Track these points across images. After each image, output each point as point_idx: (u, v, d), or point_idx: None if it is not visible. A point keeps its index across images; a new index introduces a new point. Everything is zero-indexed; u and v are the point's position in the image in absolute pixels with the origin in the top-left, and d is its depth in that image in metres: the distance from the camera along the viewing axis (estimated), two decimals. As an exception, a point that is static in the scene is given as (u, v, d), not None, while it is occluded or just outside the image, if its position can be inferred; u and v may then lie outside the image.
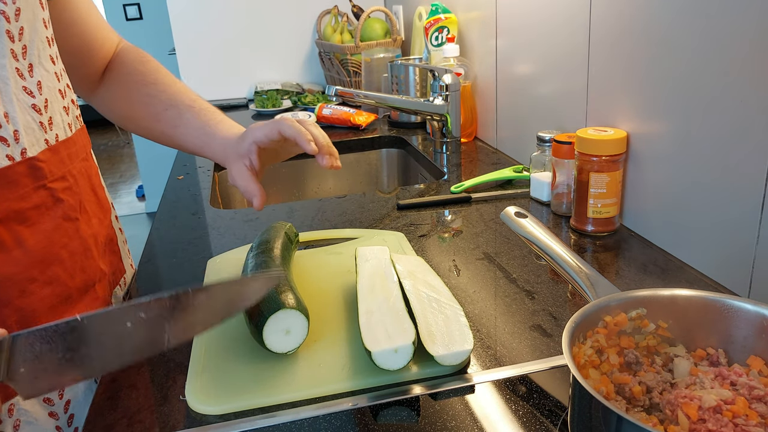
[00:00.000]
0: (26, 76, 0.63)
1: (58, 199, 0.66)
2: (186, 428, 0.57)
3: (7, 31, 0.59)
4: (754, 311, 0.52)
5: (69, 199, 0.68)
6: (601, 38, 0.94)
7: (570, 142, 0.94)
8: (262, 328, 0.61)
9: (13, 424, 0.63)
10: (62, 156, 0.67)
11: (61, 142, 0.68)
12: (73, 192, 0.69)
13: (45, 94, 0.65)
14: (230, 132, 0.85)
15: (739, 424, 0.44)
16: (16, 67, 0.61)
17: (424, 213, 1.05)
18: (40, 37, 0.65)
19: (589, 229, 0.91)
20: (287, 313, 0.62)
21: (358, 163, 1.61)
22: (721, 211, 0.74)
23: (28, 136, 0.62)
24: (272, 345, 0.62)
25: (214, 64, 2.11)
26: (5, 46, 0.59)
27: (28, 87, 0.63)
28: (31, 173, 0.62)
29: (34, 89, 0.63)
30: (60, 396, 0.67)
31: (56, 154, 0.66)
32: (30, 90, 0.63)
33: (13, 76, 0.61)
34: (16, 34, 0.61)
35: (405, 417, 0.57)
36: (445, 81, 1.35)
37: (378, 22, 1.91)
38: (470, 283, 0.80)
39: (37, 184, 0.63)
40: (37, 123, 0.63)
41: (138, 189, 4.86)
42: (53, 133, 0.66)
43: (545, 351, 0.65)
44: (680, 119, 0.79)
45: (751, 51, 0.67)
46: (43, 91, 0.65)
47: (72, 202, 0.68)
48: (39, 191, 0.63)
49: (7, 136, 0.59)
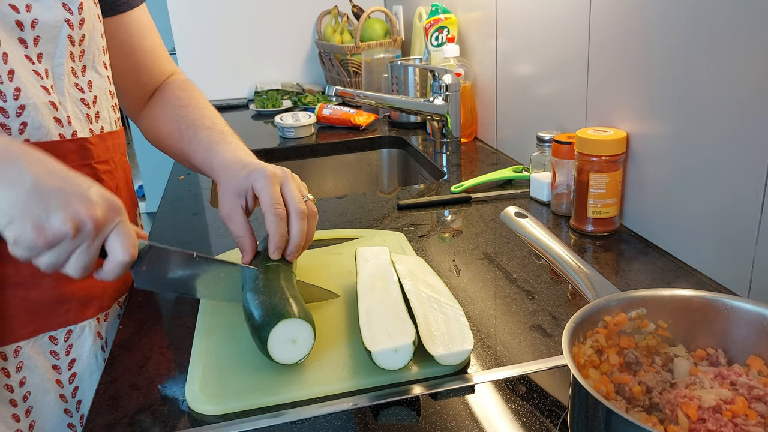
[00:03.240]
0: (79, 75, 0.72)
1: (100, 179, 0.73)
2: (186, 428, 0.57)
3: (69, 36, 0.69)
4: (754, 311, 0.52)
5: (109, 182, 0.75)
6: (601, 39, 0.94)
7: (570, 143, 0.94)
8: (266, 339, 0.60)
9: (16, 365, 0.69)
10: (108, 144, 0.76)
11: (108, 133, 0.76)
12: (113, 176, 0.77)
13: (95, 91, 0.74)
14: (234, 154, 0.79)
15: (739, 424, 0.44)
16: (72, 67, 0.70)
17: (424, 213, 1.05)
18: (97, 45, 0.74)
19: (589, 229, 0.91)
20: (291, 322, 0.60)
21: (359, 163, 1.61)
22: (721, 211, 0.74)
23: (77, 123, 0.70)
24: (278, 356, 0.60)
25: (214, 64, 2.11)
26: (65, 49, 0.69)
27: (79, 84, 0.72)
28: (79, 151, 0.70)
29: (84, 86, 0.73)
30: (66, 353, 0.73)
31: (104, 141, 0.75)
32: (81, 86, 0.72)
33: (68, 74, 0.70)
34: (77, 39, 0.70)
35: (405, 417, 0.57)
36: (445, 81, 1.35)
37: (378, 23, 1.91)
38: (470, 283, 0.80)
39: (84, 162, 0.71)
40: (83, 114, 0.72)
41: (138, 189, 4.86)
42: (99, 125, 0.74)
43: (545, 351, 0.65)
44: (680, 119, 0.79)
45: (750, 51, 0.67)
46: (93, 89, 0.74)
47: (111, 185, 0.76)
48: (84, 168, 0.71)
49: (62, 118, 0.68)
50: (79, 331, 0.73)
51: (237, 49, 2.12)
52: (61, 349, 0.72)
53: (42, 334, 0.70)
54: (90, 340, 0.74)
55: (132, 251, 0.59)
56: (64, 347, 0.72)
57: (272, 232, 0.70)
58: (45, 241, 0.52)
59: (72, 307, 0.72)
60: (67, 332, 0.72)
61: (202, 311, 0.75)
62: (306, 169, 1.57)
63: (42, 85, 0.66)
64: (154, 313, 0.78)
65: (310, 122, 1.62)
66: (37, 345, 0.70)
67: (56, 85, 0.69)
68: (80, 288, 0.72)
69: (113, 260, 0.58)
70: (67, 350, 0.73)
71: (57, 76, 0.69)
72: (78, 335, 0.73)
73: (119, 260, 0.58)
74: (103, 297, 0.76)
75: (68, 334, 0.72)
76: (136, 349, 0.70)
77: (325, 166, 1.59)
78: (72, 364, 0.73)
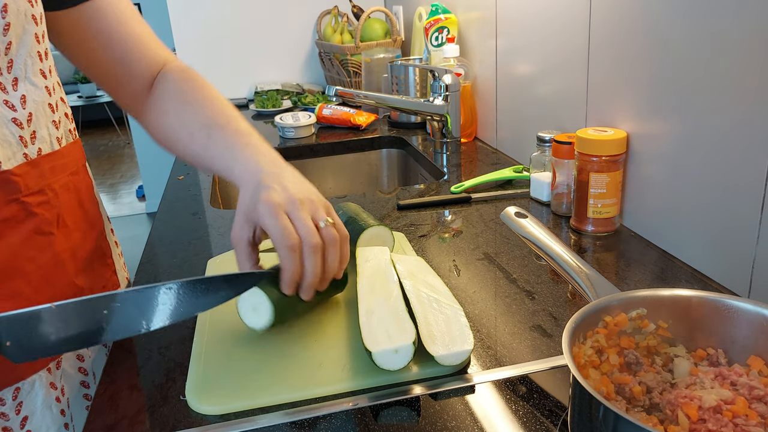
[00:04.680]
0: (9, 90, 0.63)
1: (31, 213, 0.65)
2: (186, 428, 0.57)
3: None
4: (754, 311, 0.52)
5: (45, 213, 0.67)
6: (601, 38, 0.94)
7: (570, 143, 0.94)
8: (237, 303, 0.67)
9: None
10: (43, 169, 0.67)
11: (44, 156, 0.67)
12: (52, 206, 0.68)
13: (29, 108, 0.65)
14: (254, 163, 0.72)
15: (739, 424, 0.44)
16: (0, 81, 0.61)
17: (424, 213, 1.05)
18: (30, 52, 0.65)
19: (589, 229, 0.91)
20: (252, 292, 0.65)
21: (359, 163, 1.61)
22: (721, 211, 0.74)
23: (3, 150, 0.61)
24: (248, 320, 0.67)
25: (214, 64, 2.11)
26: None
27: (9, 101, 0.63)
28: (3, 186, 0.61)
29: (16, 103, 0.63)
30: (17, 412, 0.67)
31: (36, 168, 0.65)
32: (12, 104, 0.63)
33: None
34: (2, 49, 0.60)
35: (405, 417, 0.57)
36: (445, 81, 1.35)
37: (378, 23, 1.91)
38: (470, 283, 0.80)
39: (9, 198, 0.62)
40: (15, 137, 0.63)
41: (138, 189, 4.86)
42: (35, 147, 0.66)
43: (545, 351, 0.65)
44: (680, 119, 0.79)
45: (750, 50, 0.67)
46: (27, 106, 0.65)
47: (48, 216, 0.67)
48: (11, 205, 0.63)
49: None
50: (28, 386, 0.67)
51: (237, 49, 2.12)
52: (10, 409, 0.66)
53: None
54: (42, 393, 0.68)
55: None
56: (13, 407, 0.66)
57: (283, 267, 0.63)
58: None
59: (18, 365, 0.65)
60: (15, 390, 0.66)
61: (202, 311, 0.75)
62: (306, 169, 1.58)
63: None
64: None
65: (310, 122, 1.62)
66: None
67: None
68: None
69: None
70: (17, 409, 0.66)
71: None
72: (27, 391, 0.67)
73: None
74: None
75: (16, 392, 0.66)
76: (136, 349, 0.70)
77: (325, 166, 1.59)
78: (25, 422, 0.67)
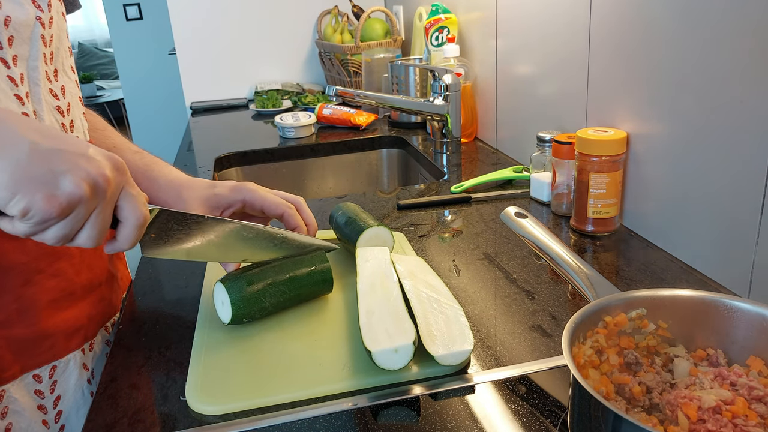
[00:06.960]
0: (52, 79, 0.66)
1: None
2: (186, 428, 0.57)
3: (42, 36, 0.63)
4: (754, 311, 0.52)
5: None
6: (601, 39, 0.94)
7: (570, 143, 0.94)
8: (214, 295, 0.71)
9: (1, 411, 0.64)
10: None
11: None
12: None
13: (68, 98, 0.68)
14: (179, 175, 0.78)
15: (739, 425, 0.44)
16: (45, 71, 0.65)
17: (424, 213, 1.05)
18: (64, 47, 0.69)
19: (589, 229, 0.91)
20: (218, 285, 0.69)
21: (359, 163, 1.61)
22: (721, 211, 0.74)
23: None
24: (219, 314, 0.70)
25: (214, 64, 2.11)
26: (39, 51, 0.63)
27: (54, 89, 0.66)
28: None
29: (58, 92, 0.67)
30: (51, 391, 0.69)
31: None
32: (55, 93, 0.67)
33: (43, 79, 0.64)
34: (48, 40, 0.65)
35: (405, 417, 0.57)
36: (446, 81, 1.35)
37: (378, 22, 1.91)
38: (470, 283, 0.80)
39: None
40: (58, 124, 0.66)
41: (138, 189, 4.85)
42: (74, 135, 0.68)
43: (545, 351, 0.65)
44: (680, 119, 0.79)
45: (750, 51, 0.67)
46: (66, 95, 0.68)
47: None
48: None
49: None
50: (63, 365, 0.69)
51: (237, 49, 2.12)
52: (46, 387, 0.68)
53: (26, 374, 0.66)
54: (76, 373, 0.70)
55: (145, 211, 0.54)
56: (49, 385, 0.68)
57: (301, 224, 0.76)
58: (59, 209, 0.46)
59: (56, 341, 0.68)
60: (51, 368, 0.68)
61: (202, 310, 0.75)
62: (306, 169, 1.58)
63: (16, 94, 0.60)
64: (154, 314, 0.78)
65: (310, 122, 1.62)
66: (22, 386, 0.66)
67: (32, 92, 0.63)
68: (64, 320, 0.68)
69: (128, 224, 0.53)
70: (52, 387, 0.68)
71: (33, 81, 0.63)
72: (63, 370, 0.69)
73: (135, 222, 0.53)
74: (88, 326, 0.72)
75: (53, 371, 0.68)
76: (136, 349, 0.70)
77: (325, 165, 1.59)
78: (57, 402, 0.69)
